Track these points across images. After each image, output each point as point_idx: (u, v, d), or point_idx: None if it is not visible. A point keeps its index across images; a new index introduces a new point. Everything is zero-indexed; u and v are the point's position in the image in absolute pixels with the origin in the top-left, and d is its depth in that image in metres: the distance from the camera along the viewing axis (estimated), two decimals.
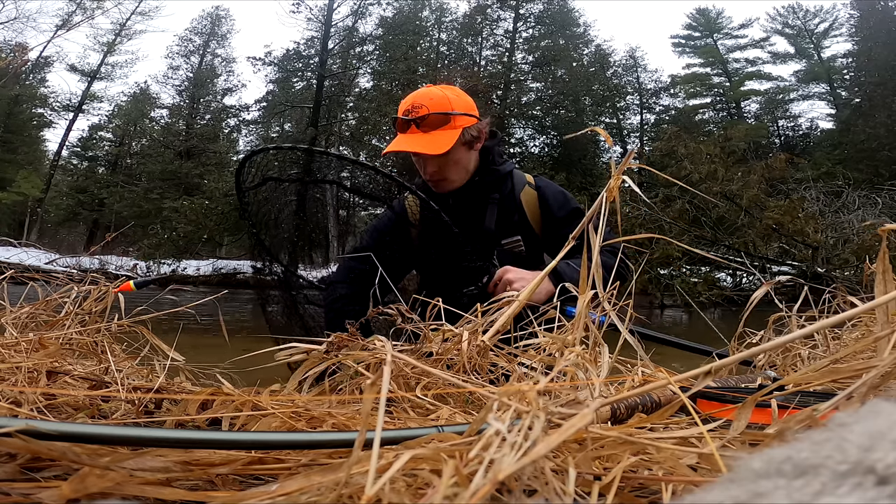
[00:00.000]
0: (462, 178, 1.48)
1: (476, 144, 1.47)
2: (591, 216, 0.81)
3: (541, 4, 25.74)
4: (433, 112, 1.38)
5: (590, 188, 19.27)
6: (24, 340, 0.81)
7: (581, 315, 0.74)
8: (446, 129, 1.39)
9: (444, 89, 1.45)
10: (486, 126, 1.49)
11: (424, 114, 1.38)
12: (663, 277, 11.65)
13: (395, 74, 23.66)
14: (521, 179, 1.54)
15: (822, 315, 1.20)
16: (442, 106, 1.39)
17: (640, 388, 0.57)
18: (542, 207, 1.51)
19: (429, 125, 1.38)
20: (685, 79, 29.66)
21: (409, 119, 1.39)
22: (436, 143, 1.37)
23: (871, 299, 0.55)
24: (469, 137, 1.43)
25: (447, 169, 1.44)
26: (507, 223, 1.50)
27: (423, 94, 1.43)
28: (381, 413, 0.34)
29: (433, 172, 1.45)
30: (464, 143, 1.43)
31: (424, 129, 1.39)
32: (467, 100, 1.47)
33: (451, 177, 1.46)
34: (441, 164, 1.43)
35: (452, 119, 1.39)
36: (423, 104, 1.39)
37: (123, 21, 28.37)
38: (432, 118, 1.38)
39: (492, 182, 1.50)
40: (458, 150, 1.42)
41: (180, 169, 25.54)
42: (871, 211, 11.68)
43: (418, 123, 1.39)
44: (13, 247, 1.99)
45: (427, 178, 1.48)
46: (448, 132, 1.38)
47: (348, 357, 0.71)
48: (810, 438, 0.25)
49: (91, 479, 0.37)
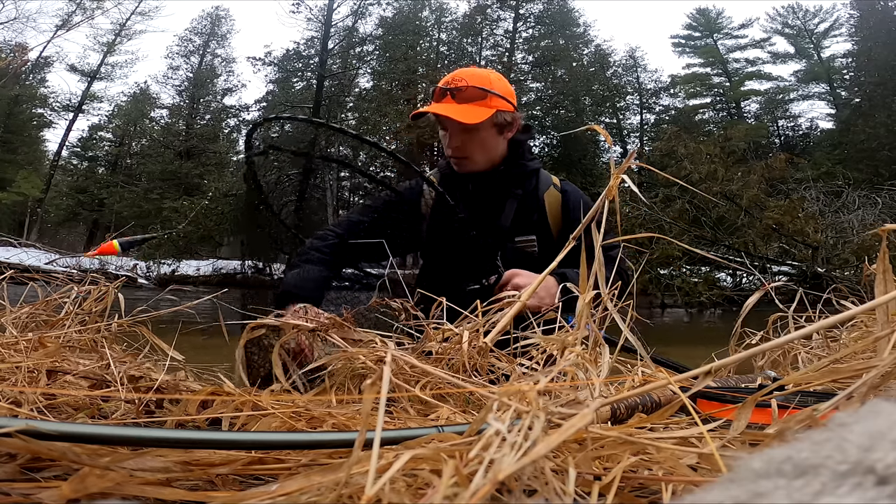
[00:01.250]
0: (485, 162, 1.45)
1: (507, 132, 1.45)
2: (591, 216, 0.81)
3: (541, 4, 25.75)
4: (471, 85, 1.37)
5: (590, 188, 19.24)
6: (24, 340, 0.81)
7: (582, 315, 0.74)
8: (481, 104, 1.37)
9: (488, 70, 1.45)
10: (520, 117, 1.47)
11: (462, 85, 1.37)
12: (663, 277, 11.65)
13: (395, 74, 23.67)
14: (548, 180, 1.51)
15: (823, 315, 1.20)
16: (481, 82, 1.39)
17: (640, 388, 0.57)
18: (564, 211, 1.48)
19: (464, 97, 1.37)
20: (685, 79, 29.66)
21: (447, 89, 1.38)
22: (467, 114, 1.35)
23: (870, 299, 0.55)
24: (501, 121, 1.41)
25: (472, 146, 1.42)
26: (525, 221, 1.47)
27: (465, 70, 1.43)
28: (381, 413, 0.34)
29: (457, 148, 1.42)
30: (495, 124, 1.41)
31: (459, 101, 1.37)
32: (508, 86, 1.45)
33: (475, 156, 1.43)
34: (466, 140, 1.40)
35: (489, 97, 1.38)
36: (463, 77, 1.39)
37: (123, 21, 28.37)
38: (469, 91, 1.37)
39: (517, 175, 1.47)
40: (487, 128, 1.40)
41: (180, 169, 25.55)
42: (871, 211, 11.68)
43: (454, 94, 1.37)
44: (13, 247, 1.99)
45: (450, 154, 1.45)
46: (482, 108, 1.37)
47: (346, 356, 0.71)
48: (810, 438, 0.25)
49: (91, 480, 0.37)
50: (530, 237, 1.45)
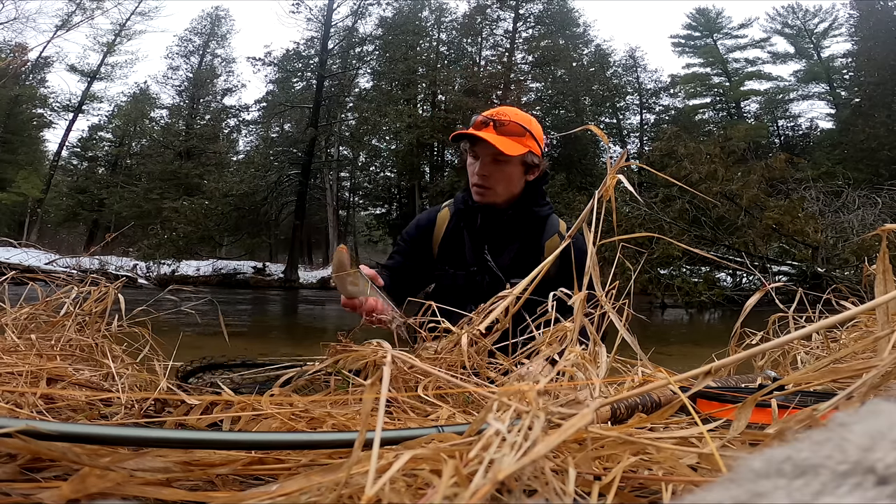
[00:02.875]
0: (506, 196, 1.50)
1: (530, 174, 1.51)
2: (585, 216, 0.81)
3: (541, 4, 25.77)
4: (514, 121, 1.44)
5: (590, 188, 19.25)
6: (24, 344, 0.81)
7: (578, 314, 0.74)
8: (518, 140, 1.44)
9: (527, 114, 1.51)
10: (545, 164, 1.54)
11: (506, 119, 1.44)
12: (663, 277, 11.65)
13: (394, 74, 23.69)
14: (554, 227, 1.55)
15: (823, 315, 1.20)
16: (523, 121, 1.45)
17: (639, 388, 0.57)
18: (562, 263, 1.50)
19: (505, 131, 1.43)
20: (685, 79, 29.68)
21: (489, 119, 1.44)
22: (505, 145, 1.41)
23: (870, 299, 0.55)
24: (530, 161, 1.47)
25: (498, 178, 1.46)
26: (523, 265, 1.49)
27: (509, 108, 1.50)
28: (380, 413, 0.34)
29: (484, 176, 1.46)
30: (523, 162, 1.47)
31: (500, 133, 1.43)
32: (541, 132, 1.52)
33: (498, 188, 1.48)
34: (495, 170, 1.45)
35: (527, 136, 1.45)
36: (507, 113, 1.46)
37: (123, 21, 28.40)
38: (511, 126, 1.43)
39: (525, 220, 1.53)
40: (516, 164, 1.46)
41: (180, 169, 25.57)
42: (871, 211, 11.68)
43: (497, 126, 1.43)
44: (13, 247, 1.99)
45: (475, 181, 1.49)
46: (518, 144, 1.44)
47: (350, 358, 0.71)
48: (810, 438, 0.25)
49: (91, 480, 0.37)
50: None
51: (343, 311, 1.09)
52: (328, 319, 9.81)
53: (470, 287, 1.49)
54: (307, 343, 6.08)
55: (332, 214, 24.88)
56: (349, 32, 23.98)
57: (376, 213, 28.08)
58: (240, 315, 9.68)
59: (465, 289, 1.47)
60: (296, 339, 6.83)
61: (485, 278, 1.48)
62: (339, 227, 26.06)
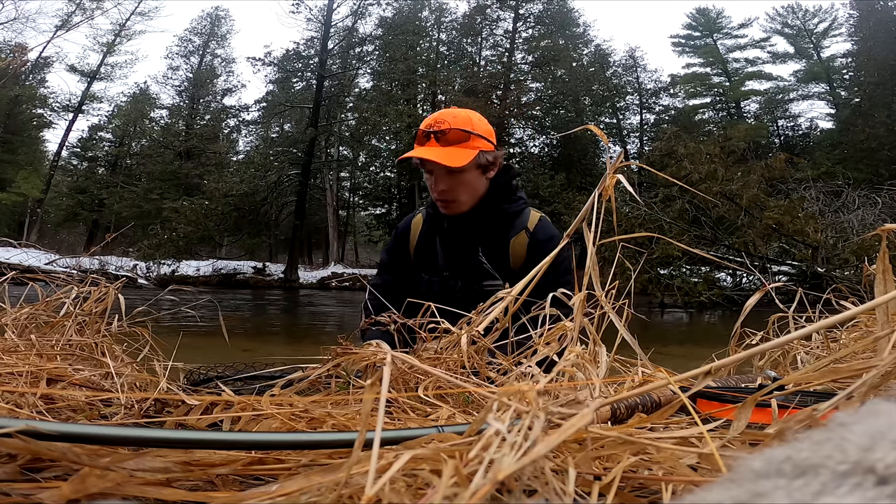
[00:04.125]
0: (471, 203, 1.48)
1: (489, 172, 1.48)
2: (584, 215, 0.81)
3: (540, 4, 25.75)
4: (454, 127, 1.40)
5: (590, 188, 19.18)
6: (24, 344, 0.81)
7: (578, 314, 0.74)
8: (464, 146, 1.40)
9: (467, 111, 1.47)
10: (501, 156, 1.49)
11: (446, 128, 1.39)
12: (663, 277, 11.65)
13: (394, 74, 23.67)
14: (523, 223, 1.51)
15: (823, 315, 1.20)
16: (463, 124, 1.41)
17: (639, 388, 0.57)
18: (529, 257, 1.48)
19: (448, 140, 1.40)
20: (685, 79, 29.68)
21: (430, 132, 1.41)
22: (452, 157, 1.38)
23: (870, 299, 0.55)
24: (484, 161, 1.44)
25: (458, 189, 1.44)
26: (494, 266, 1.49)
27: (446, 112, 1.45)
28: (380, 413, 0.34)
29: (443, 191, 1.44)
30: (478, 165, 1.43)
31: (443, 144, 1.40)
32: (488, 126, 1.48)
33: (461, 198, 1.46)
34: (452, 182, 1.43)
35: (472, 138, 1.41)
36: (445, 119, 1.41)
37: (123, 21, 28.38)
38: (452, 133, 1.39)
39: (492, 219, 1.50)
40: (471, 170, 1.42)
41: (180, 169, 25.56)
42: (871, 211, 11.68)
43: (438, 137, 1.40)
44: (13, 247, 1.99)
45: (436, 197, 1.48)
46: (465, 150, 1.39)
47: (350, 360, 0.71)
48: (810, 438, 0.25)
49: (91, 480, 0.37)
50: (496, 282, 1.46)
51: (343, 311, 1.09)
52: (328, 319, 9.82)
53: (444, 292, 1.48)
54: (307, 343, 6.09)
55: (332, 214, 24.87)
56: (349, 32, 23.96)
57: (376, 213, 28.06)
58: (240, 315, 9.68)
59: (440, 294, 1.45)
60: (296, 339, 6.84)
61: (457, 283, 1.48)
62: (339, 227, 26.08)
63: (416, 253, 1.58)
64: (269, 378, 0.86)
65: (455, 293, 1.45)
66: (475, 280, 1.47)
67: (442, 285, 1.50)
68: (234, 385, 0.90)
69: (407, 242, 1.61)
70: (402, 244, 1.62)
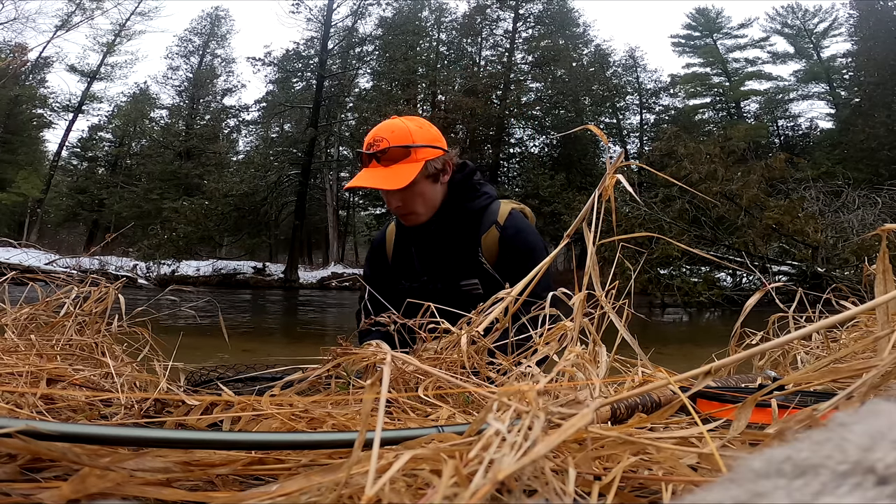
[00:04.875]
0: (430, 212, 1.46)
1: (442, 177, 1.45)
2: (584, 215, 0.81)
3: (540, 4, 25.76)
4: (393, 145, 1.36)
5: (590, 188, 19.20)
6: (24, 344, 0.81)
7: (578, 312, 0.74)
8: (407, 162, 1.36)
9: (406, 121, 1.42)
10: (452, 158, 1.46)
11: (384, 147, 1.35)
12: (663, 277, 11.65)
13: (394, 74, 23.67)
14: (492, 218, 1.49)
15: (823, 315, 1.20)
16: (402, 139, 1.36)
17: (639, 388, 0.57)
18: (501, 254, 1.47)
19: (389, 159, 1.36)
20: (685, 79, 29.68)
21: (370, 154, 1.37)
22: (396, 177, 1.34)
23: (870, 299, 0.55)
24: (433, 170, 1.41)
25: (412, 202, 1.41)
26: (466, 265, 1.48)
27: (384, 127, 1.41)
28: (380, 413, 0.34)
29: (398, 207, 1.43)
30: (427, 175, 1.40)
31: (385, 164, 1.36)
32: (432, 132, 1.44)
33: (418, 210, 1.43)
34: (405, 198, 1.40)
35: (413, 152, 1.37)
36: (383, 137, 1.37)
37: (123, 21, 28.40)
38: (392, 151, 1.35)
39: (456, 220, 1.48)
40: (421, 183, 1.39)
41: (180, 169, 25.57)
42: (871, 211, 11.69)
43: (379, 157, 1.36)
44: (13, 247, 1.99)
45: (394, 212, 1.48)
46: (409, 165, 1.36)
47: (350, 360, 0.71)
48: (810, 438, 0.25)
49: (91, 480, 0.37)
50: (473, 281, 1.46)
51: (343, 311, 1.09)
52: (328, 320, 9.82)
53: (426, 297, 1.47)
54: (307, 343, 6.09)
55: (332, 214, 24.88)
56: (349, 32, 23.97)
57: (376, 214, 28.05)
58: (240, 315, 9.68)
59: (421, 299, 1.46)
60: (296, 340, 6.84)
61: (437, 286, 1.48)
62: (338, 227, 26.07)
63: (393, 261, 1.60)
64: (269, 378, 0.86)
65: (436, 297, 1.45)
66: (453, 281, 1.47)
67: (422, 290, 1.48)
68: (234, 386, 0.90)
69: (384, 252, 1.63)
70: (379, 255, 1.64)
